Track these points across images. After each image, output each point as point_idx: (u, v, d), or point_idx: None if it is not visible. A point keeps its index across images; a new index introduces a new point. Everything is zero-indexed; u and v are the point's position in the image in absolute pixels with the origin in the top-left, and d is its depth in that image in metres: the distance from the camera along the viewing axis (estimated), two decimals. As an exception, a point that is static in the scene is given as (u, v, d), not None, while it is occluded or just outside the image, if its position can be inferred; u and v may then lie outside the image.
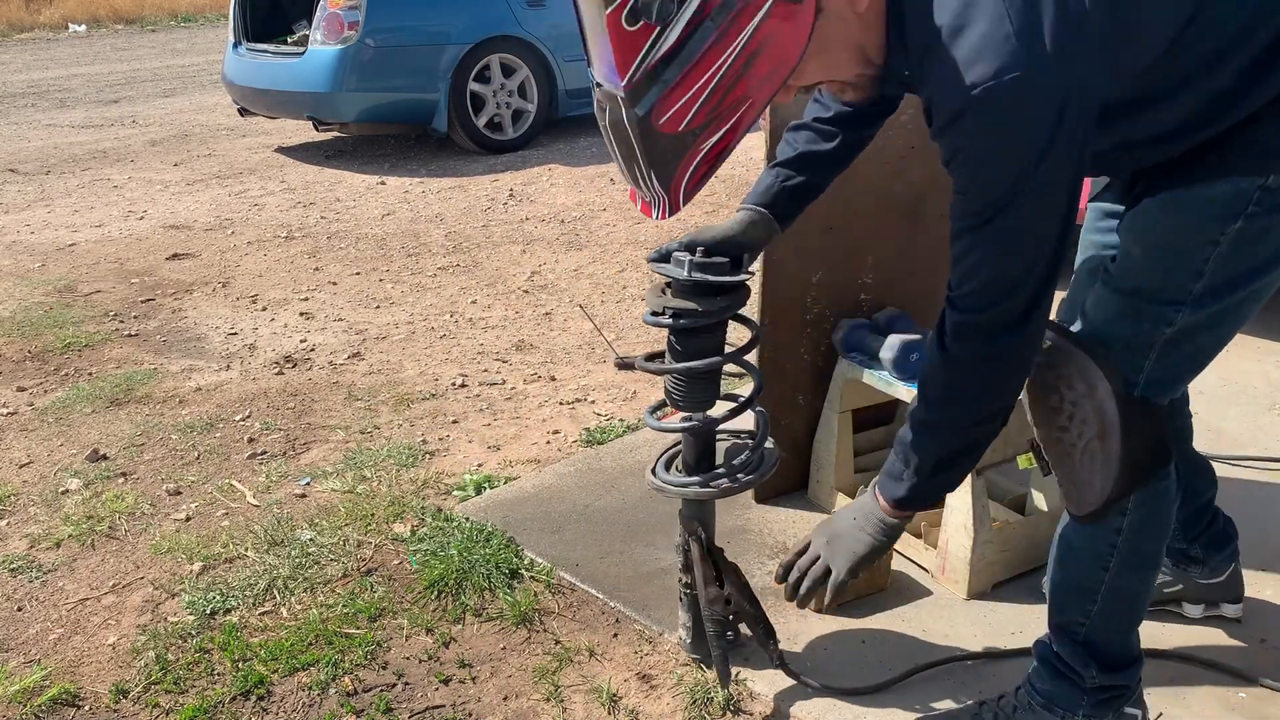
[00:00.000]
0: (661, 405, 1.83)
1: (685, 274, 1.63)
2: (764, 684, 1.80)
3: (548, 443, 2.79)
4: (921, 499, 1.54)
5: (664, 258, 1.67)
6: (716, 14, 1.20)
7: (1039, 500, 2.15)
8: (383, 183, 6.01)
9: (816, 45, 1.26)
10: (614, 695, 1.81)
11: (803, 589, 1.67)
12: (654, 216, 1.43)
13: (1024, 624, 1.93)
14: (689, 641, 1.88)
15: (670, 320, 1.66)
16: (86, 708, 1.86)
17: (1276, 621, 1.93)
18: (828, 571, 1.65)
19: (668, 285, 1.68)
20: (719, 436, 1.82)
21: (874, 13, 1.29)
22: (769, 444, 1.82)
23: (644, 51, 1.22)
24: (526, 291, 4.06)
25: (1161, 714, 1.70)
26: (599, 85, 1.34)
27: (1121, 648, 1.56)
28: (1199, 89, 1.30)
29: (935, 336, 1.41)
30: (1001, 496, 2.22)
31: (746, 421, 1.86)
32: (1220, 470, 2.44)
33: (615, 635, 1.97)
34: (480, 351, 3.46)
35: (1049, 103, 1.19)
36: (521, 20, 6.58)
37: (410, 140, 7.13)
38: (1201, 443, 2.56)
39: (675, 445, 1.84)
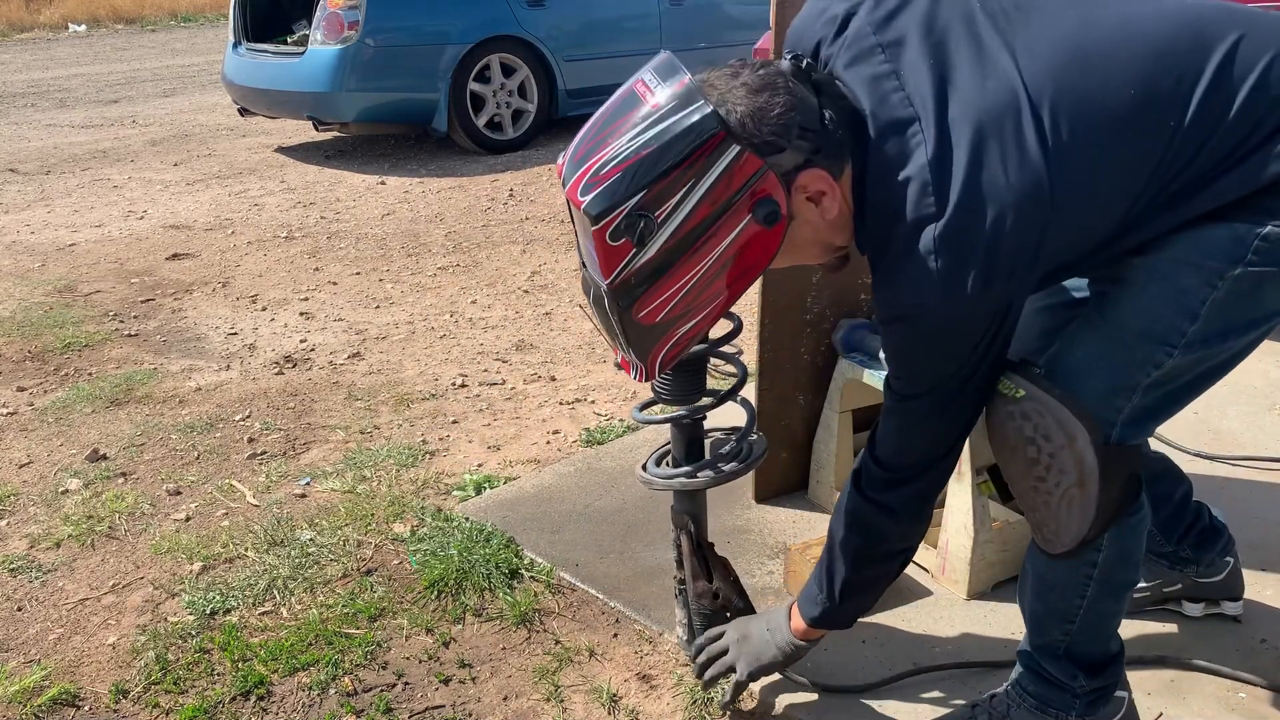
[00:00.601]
0: (652, 403, 1.85)
1: None
2: (764, 683, 1.80)
3: (548, 443, 2.79)
4: (832, 621, 1.65)
5: None
6: (690, 235, 1.31)
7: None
8: (383, 183, 6.01)
9: (788, 245, 1.36)
10: (614, 695, 1.81)
11: (708, 674, 1.75)
12: (632, 376, 1.55)
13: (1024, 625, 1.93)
14: (686, 639, 1.88)
15: None
16: (86, 708, 1.86)
17: (1276, 621, 1.93)
18: (733, 668, 1.73)
19: None
20: (709, 434, 1.84)
21: (843, 217, 1.36)
22: (755, 435, 1.84)
23: (625, 262, 1.34)
24: (526, 291, 4.06)
25: (1161, 714, 1.70)
26: (584, 266, 1.45)
27: (1102, 653, 1.57)
28: (1179, 212, 1.29)
29: (853, 472, 1.54)
30: (1002, 497, 2.21)
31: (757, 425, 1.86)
32: (1220, 470, 2.46)
33: (615, 635, 1.97)
34: (480, 351, 3.46)
35: (972, 330, 1.31)
36: (521, 20, 6.58)
37: (410, 140, 7.13)
38: (1201, 442, 2.57)
39: (668, 443, 1.86)
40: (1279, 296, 1.31)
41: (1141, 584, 1.88)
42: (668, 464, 1.83)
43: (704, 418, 1.78)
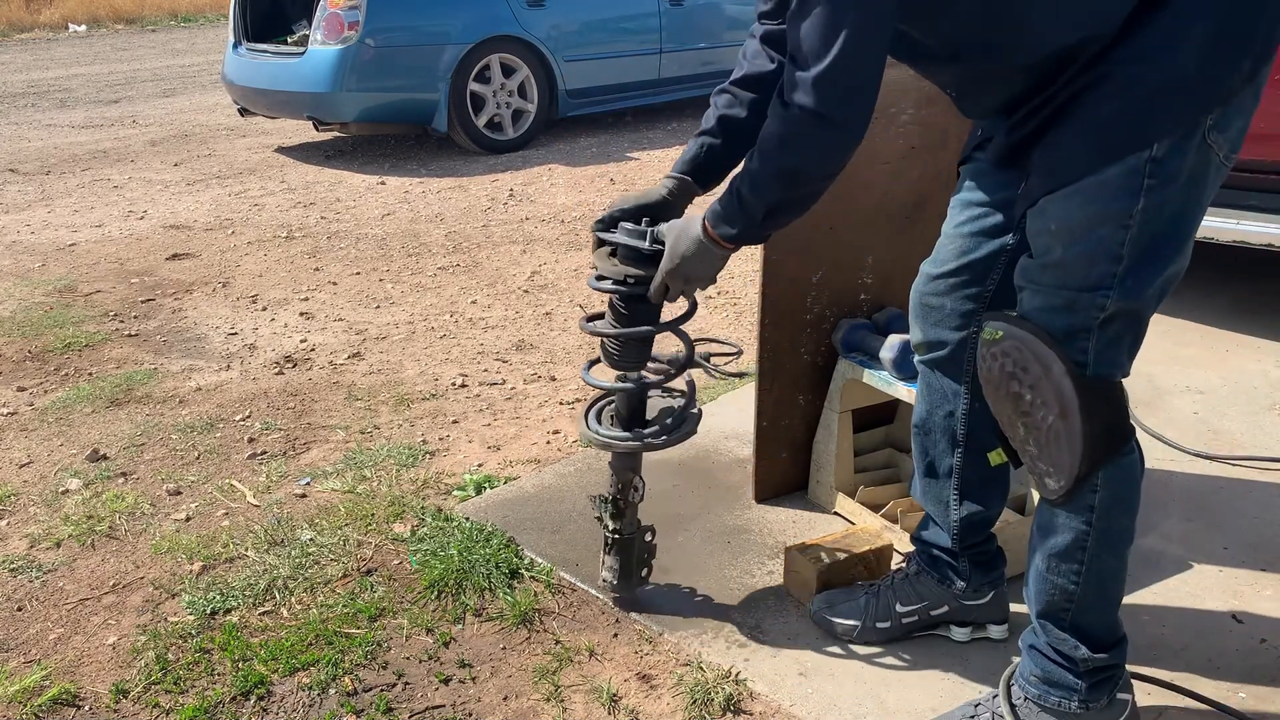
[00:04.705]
0: (596, 362, 1.98)
1: (647, 245, 1.75)
2: (764, 684, 1.80)
3: (548, 443, 2.79)
4: (749, 240, 1.66)
5: (610, 225, 1.81)
6: None
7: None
8: (383, 183, 6.01)
9: None
10: (614, 695, 1.81)
11: (653, 291, 1.77)
12: None
13: (1025, 624, 1.93)
14: (615, 583, 1.99)
15: (629, 287, 1.79)
16: (86, 708, 1.86)
17: (1276, 622, 1.93)
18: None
19: (612, 251, 1.82)
20: (666, 392, 2.00)
21: None
22: (695, 409, 1.96)
23: None
24: (526, 291, 4.06)
25: (1162, 714, 1.70)
26: None
27: (1107, 628, 1.58)
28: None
29: (776, 92, 1.52)
30: (1001, 496, 2.21)
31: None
32: (1220, 470, 2.46)
33: (615, 635, 1.97)
34: (480, 351, 3.46)
35: None
36: (521, 20, 6.59)
37: (410, 140, 7.13)
38: (1201, 442, 2.57)
39: (603, 398, 2.00)
40: (1189, 202, 1.41)
41: (909, 606, 1.88)
42: (611, 421, 1.95)
43: (652, 384, 1.91)
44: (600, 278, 1.83)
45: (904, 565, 1.94)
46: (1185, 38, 1.35)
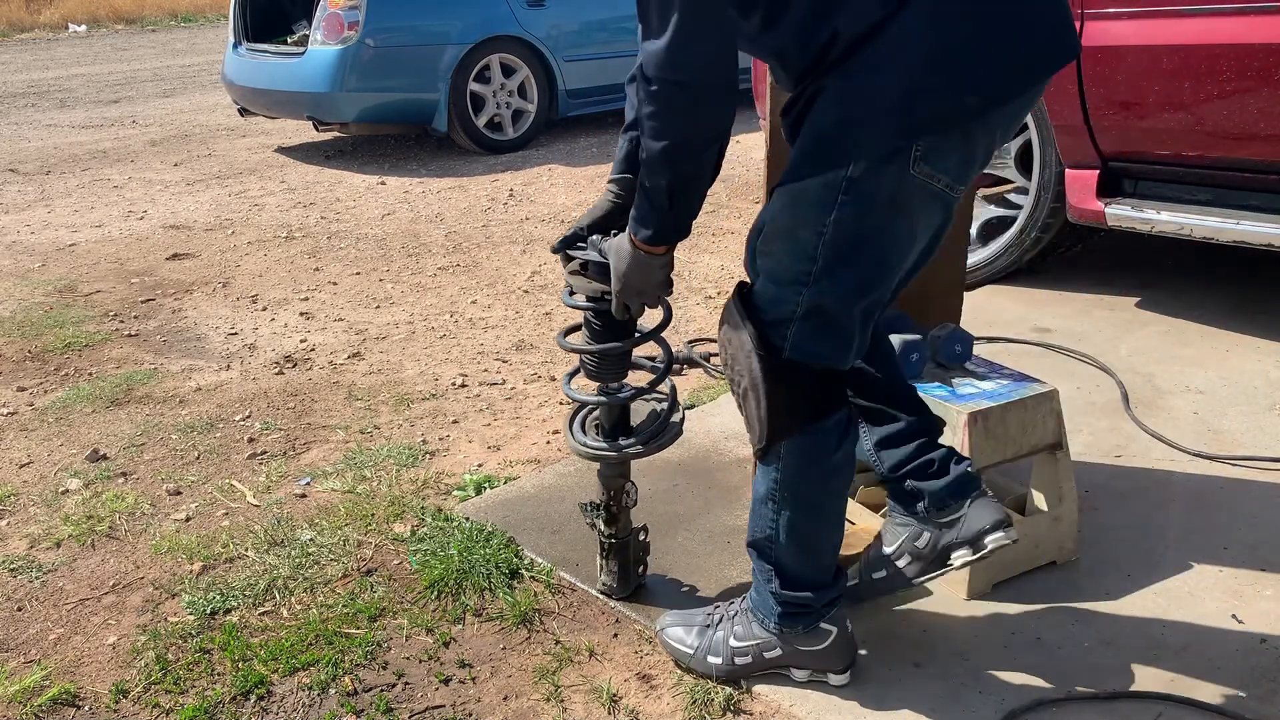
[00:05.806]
0: (576, 372, 1.99)
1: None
2: (764, 684, 1.80)
3: (548, 443, 2.79)
4: (670, 234, 1.64)
5: (570, 243, 1.84)
6: None
7: (1039, 500, 2.15)
8: (383, 183, 6.01)
9: None
10: (614, 695, 1.81)
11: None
12: None
13: (1025, 624, 1.94)
14: (614, 586, 2.02)
15: (602, 303, 1.81)
16: (86, 708, 1.86)
17: (1276, 622, 1.93)
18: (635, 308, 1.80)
19: (583, 268, 1.83)
20: (650, 398, 2.01)
21: None
22: (678, 416, 1.98)
23: None
24: (526, 291, 4.06)
25: (1161, 714, 1.70)
26: None
27: (807, 575, 1.72)
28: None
29: (639, 73, 1.51)
30: (1001, 497, 2.21)
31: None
32: (1220, 470, 2.46)
33: (615, 635, 1.97)
34: (480, 351, 3.47)
35: None
36: (521, 20, 6.59)
37: (410, 140, 7.14)
38: (1201, 442, 2.57)
39: (584, 406, 2.00)
40: (889, 225, 1.50)
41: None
42: (595, 432, 1.96)
43: (627, 398, 1.92)
44: (573, 293, 1.84)
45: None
46: (899, 61, 1.39)
